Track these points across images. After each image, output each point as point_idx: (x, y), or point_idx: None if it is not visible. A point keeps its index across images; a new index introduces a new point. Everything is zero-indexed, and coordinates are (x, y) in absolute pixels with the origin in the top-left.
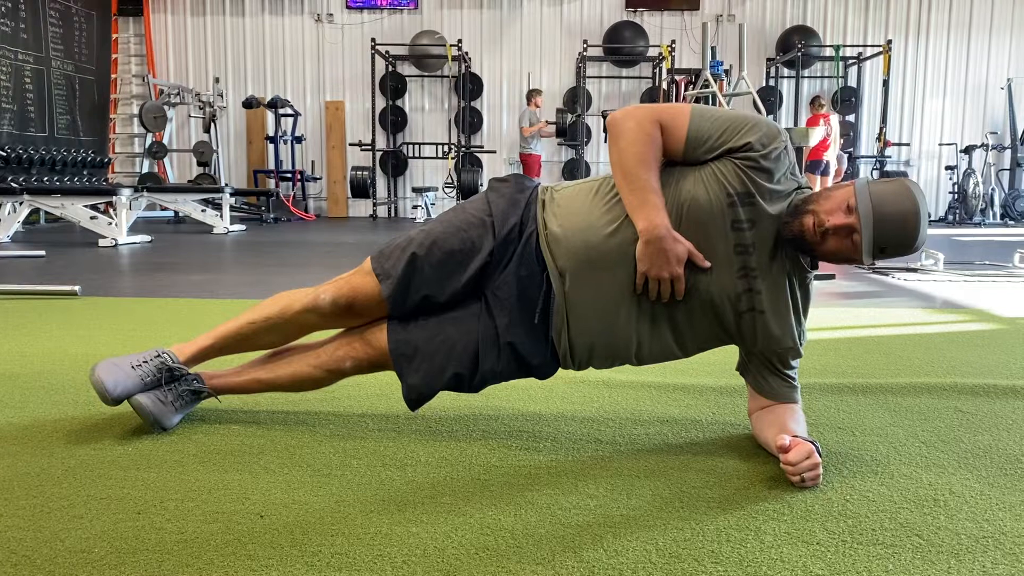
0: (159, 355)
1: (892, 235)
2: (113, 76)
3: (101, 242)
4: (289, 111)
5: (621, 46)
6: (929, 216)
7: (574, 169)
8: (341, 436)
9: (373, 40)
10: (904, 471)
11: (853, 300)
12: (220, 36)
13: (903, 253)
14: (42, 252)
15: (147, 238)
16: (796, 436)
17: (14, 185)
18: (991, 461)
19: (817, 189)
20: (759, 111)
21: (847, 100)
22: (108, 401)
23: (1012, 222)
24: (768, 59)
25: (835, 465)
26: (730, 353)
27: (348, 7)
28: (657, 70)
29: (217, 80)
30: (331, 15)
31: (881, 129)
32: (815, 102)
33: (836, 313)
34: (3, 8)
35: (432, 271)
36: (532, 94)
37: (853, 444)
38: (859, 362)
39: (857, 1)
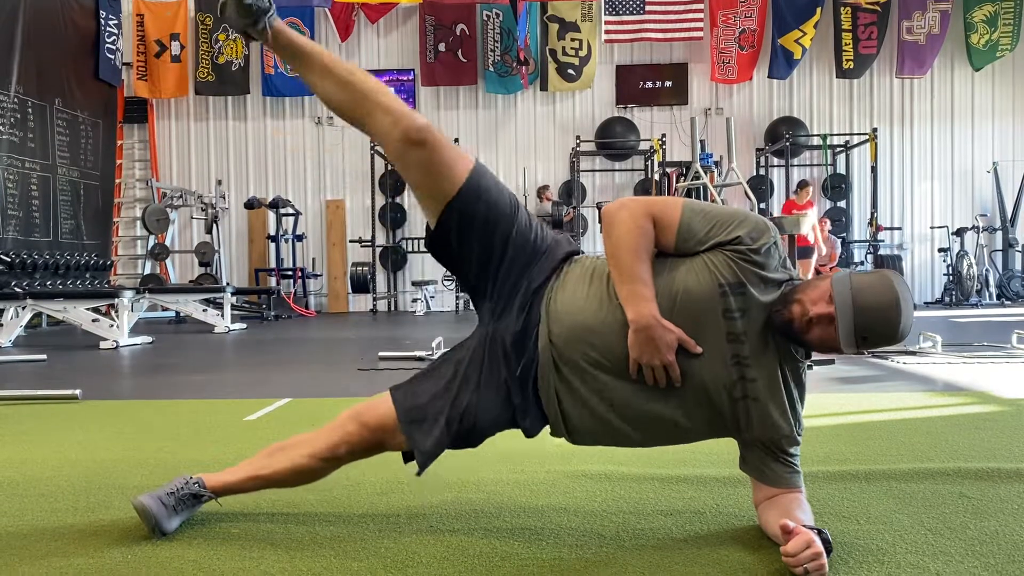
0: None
1: (873, 324)
2: (117, 181)
3: (102, 344)
4: (290, 210)
5: (613, 141)
6: (914, 306)
7: None
8: (341, 538)
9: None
10: (911, 560)
11: (853, 385)
12: (223, 140)
13: (887, 342)
14: (43, 356)
15: (148, 339)
16: (801, 525)
17: (17, 290)
18: (998, 548)
19: (803, 274)
20: (750, 200)
21: (837, 187)
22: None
23: (1008, 302)
24: (758, 149)
25: (841, 555)
26: (732, 441)
27: None
28: (649, 163)
29: (219, 182)
30: (331, 118)
31: (872, 214)
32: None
33: (837, 399)
34: (12, 119)
35: (487, 208)
36: (542, 190)
37: (858, 533)
38: (861, 448)
39: (841, 92)
